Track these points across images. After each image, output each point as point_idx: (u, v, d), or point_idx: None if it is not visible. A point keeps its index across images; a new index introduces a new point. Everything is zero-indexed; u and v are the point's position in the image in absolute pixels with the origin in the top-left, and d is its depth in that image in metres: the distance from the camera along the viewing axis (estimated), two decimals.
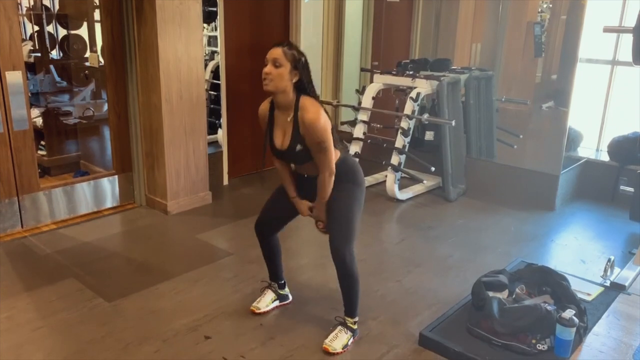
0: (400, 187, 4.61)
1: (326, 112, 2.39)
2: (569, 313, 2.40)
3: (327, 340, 2.53)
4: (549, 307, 2.50)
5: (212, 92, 5.75)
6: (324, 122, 2.32)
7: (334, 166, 2.41)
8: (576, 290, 2.79)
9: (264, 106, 2.54)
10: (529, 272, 2.88)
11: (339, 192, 2.47)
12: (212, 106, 5.67)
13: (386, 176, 4.62)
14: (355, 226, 2.47)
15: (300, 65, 2.33)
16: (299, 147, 2.38)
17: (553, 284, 2.76)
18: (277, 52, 2.30)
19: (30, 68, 5.15)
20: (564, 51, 4.81)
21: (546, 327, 2.44)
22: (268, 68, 2.31)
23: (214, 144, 5.49)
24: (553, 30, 5.01)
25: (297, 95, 2.36)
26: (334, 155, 2.43)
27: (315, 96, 2.39)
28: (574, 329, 2.38)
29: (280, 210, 2.70)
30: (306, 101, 2.35)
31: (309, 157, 2.42)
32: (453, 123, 4.35)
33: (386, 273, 3.31)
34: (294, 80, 2.33)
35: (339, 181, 2.47)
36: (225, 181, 4.89)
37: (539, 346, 2.43)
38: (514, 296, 2.74)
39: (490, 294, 2.66)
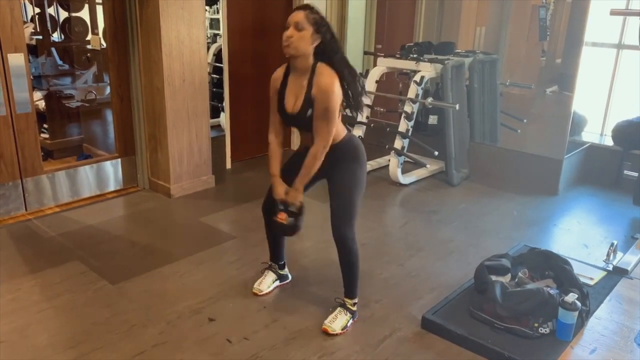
0: (403, 171, 4.60)
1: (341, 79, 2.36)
2: (571, 297, 2.41)
3: (326, 321, 2.55)
4: (551, 291, 2.51)
5: (215, 76, 5.72)
6: (337, 90, 2.31)
7: (330, 139, 2.37)
8: (579, 275, 2.80)
9: (279, 71, 2.50)
10: (532, 256, 2.89)
11: (343, 172, 2.47)
12: (214, 89, 5.65)
13: (389, 160, 4.61)
14: (357, 206, 2.48)
15: (322, 28, 2.29)
16: (309, 111, 2.35)
17: (556, 268, 2.76)
18: (299, 16, 2.27)
19: (32, 51, 5.12)
20: (569, 35, 4.77)
21: (548, 311, 2.45)
22: (290, 31, 2.27)
23: (217, 127, 5.47)
24: (558, 13, 4.96)
25: (315, 60, 2.34)
26: (340, 131, 2.44)
27: (337, 64, 2.33)
28: (576, 313, 2.40)
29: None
30: (324, 68, 2.33)
31: None
32: (457, 107, 4.33)
33: (389, 256, 3.32)
34: (314, 44, 2.30)
35: (344, 160, 2.47)
36: (228, 165, 4.89)
37: (541, 330, 2.44)
38: (516, 280, 2.74)
39: (493, 277, 2.67)
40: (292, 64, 2.39)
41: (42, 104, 4.94)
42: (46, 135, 4.86)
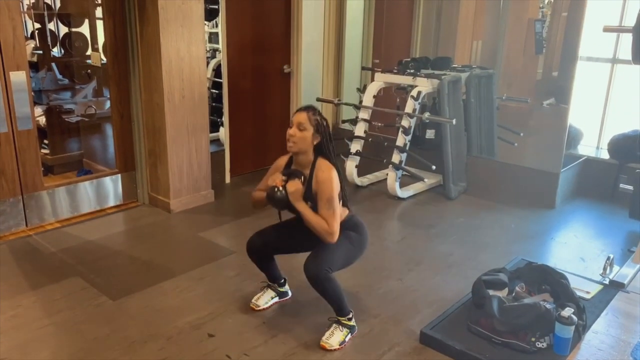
0: (401, 185, 4.63)
1: (339, 171, 2.54)
2: (567, 311, 2.43)
3: (323, 338, 2.57)
4: (548, 306, 2.53)
5: (214, 91, 5.78)
6: (336, 182, 2.50)
7: (336, 230, 2.46)
8: (575, 288, 2.82)
9: (283, 159, 2.70)
10: (529, 271, 2.91)
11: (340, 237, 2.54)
12: (213, 104, 5.71)
13: (387, 174, 4.65)
14: (339, 261, 2.54)
15: (321, 128, 2.51)
16: (309, 203, 2.51)
17: (552, 283, 2.79)
18: (302, 117, 2.49)
19: (33, 66, 5.18)
20: (565, 48, 4.83)
21: (545, 325, 2.47)
22: (293, 130, 2.49)
23: (216, 142, 5.52)
24: (554, 27, 5.02)
25: (315, 156, 2.55)
26: (341, 214, 2.55)
27: (333, 159, 2.55)
28: (573, 327, 2.42)
29: (282, 237, 2.77)
30: (323, 163, 2.53)
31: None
32: (454, 122, 4.37)
33: (387, 271, 3.34)
34: (315, 143, 2.52)
35: (343, 229, 2.56)
36: (227, 179, 4.92)
37: (538, 344, 2.46)
38: (513, 294, 2.76)
39: (491, 292, 2.69)
40: (295, 158, 2.59)
41: (42, 120, 4.98)
42: (46, 151, 4.90)
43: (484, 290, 2.68)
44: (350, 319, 2.62)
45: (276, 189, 2.49)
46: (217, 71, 5.78)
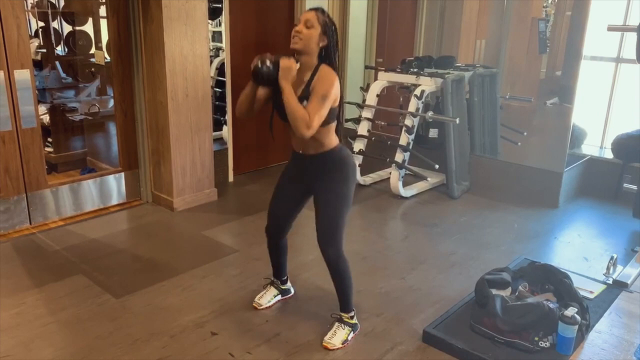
0: (404, 184, 4.63)
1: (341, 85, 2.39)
2: (571, 311, 2.43)
3: (326, 338, 2.57)
4: (551, 305, 2.52)
5: (217, 89, 5.79)
6: (336, 86, 2.31)
7: (316, 123, 2.24)
8: (579, 288, 2.82)
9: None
10: (532, 270, 2.91)
11: (327, 189, 2.46)
12: (217, 103, 5.71)
13: (390, 173, 4.65)
14: (341, 224, 2.47)
15: (329, 31, 2.35)
16: (304, 102, 2.31)
17: (556, 282, 2.79)
18: (310, 14, 2.34)
19: (37, 64, 5.18)
20: (569, 47, 4.81)
21: (549, 325, 2.47)
22: (299, 27, 2.33)
23: (219, 140, 5.53)
24: (558, 26, 5.01)
25: (319, 61, 2.38)
26: (332, 141, 2.43)
27: (337, 68, 2.39)
28: (576, 327, 2.42)
29: (284, 205, 2.68)
30: (327, 68, 2.36)
31: None
32: (457, 121, 4.37)
33: (390, 270, 3.34)
34: (320, 45, 2.35)
35: (329, 171, 2.45)
36: (231, 178, 4.92)
37: (541, 343, 2.46)
38: (516, 294, 2.76)
39: (494, 291, 2.69)
40: (297, 59, 2.39)
41: (46, 118, 4.99)
42: (50, 149, 4.91)
43: (487, 289, 2.68)
44: (352, 317, 2.62)
45: (264, 62, 2.26)
46: (220, 70, 5.79)
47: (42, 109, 4.92)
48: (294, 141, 2.53)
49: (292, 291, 3.00)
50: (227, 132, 4.92)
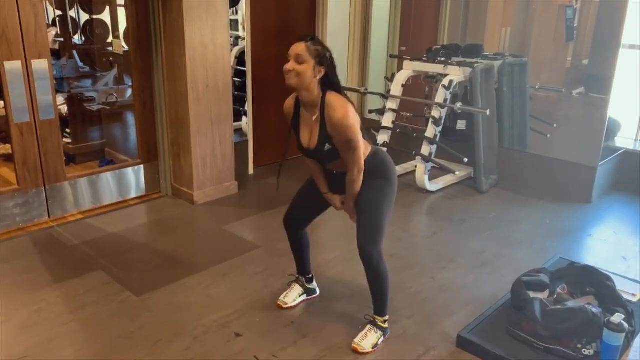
0: (430, 178, 4.48)
1: (353, 104, 2.28)
2: (618, 317, 2.28)
3: (356, 340, 2.46)
4: (594, 310, 2.38)
5: (237, 79, 5.66)
6: (353, 119, 2.21)
7: (362, 163, 2.31)
8: (620, 290, 2.67)
9: (289, 102, 2.44)
10: (571, 271, 2.76)
11: (368, 188, 2.38)
12: (236, 93, 5.59)
13: (416, 166, 4.50)
14: (383, 224, 2.38)
15: (325, 61, 2.21)
16: (327, 146, 2.29)
17: (597, 285, 2.64)
18: (300, 48, 2.19)
19: (54, 54, 5.11)
20: (597, 35, 4.62)
21: (592, 331, 2.32)
22: (290, 64, 2.20)
23: (238, 131, 5.41)
24: (585, 13, 4.81)
25: (322, 91, 2.24)
26: (364, 149, 2.34)
27: (342, 91, 2.29)
28: (623, 335, 2.27)
29: (310, 204, 2.65)
30: (332, 98, 2.23)
31: (337, 156, 2.33)
32: (488, 112, 4.19)
33: (418, 269, 3.21)
34: (318, 77, 2.21)
35: (369, 176, 2.38)
36: (251, 170, 4.81)
37: (584, 351, 2.32)
38: (555, 296, 2.62)
39: (531, 294, 2.55)
40: (299, 97, 2.31)
41: (64, 108, 4.92)
42: (68, 140, 4.84)
43: (524, 292, 2.54)
44: (385, 322, 2.51)
45: None
46: (239, 59, 5.65)
47: (60, 99, 4.85)
48: (324, 164, 2.47)
49: (318, 291, 2.88)
50: (246, 123, 4.79)
